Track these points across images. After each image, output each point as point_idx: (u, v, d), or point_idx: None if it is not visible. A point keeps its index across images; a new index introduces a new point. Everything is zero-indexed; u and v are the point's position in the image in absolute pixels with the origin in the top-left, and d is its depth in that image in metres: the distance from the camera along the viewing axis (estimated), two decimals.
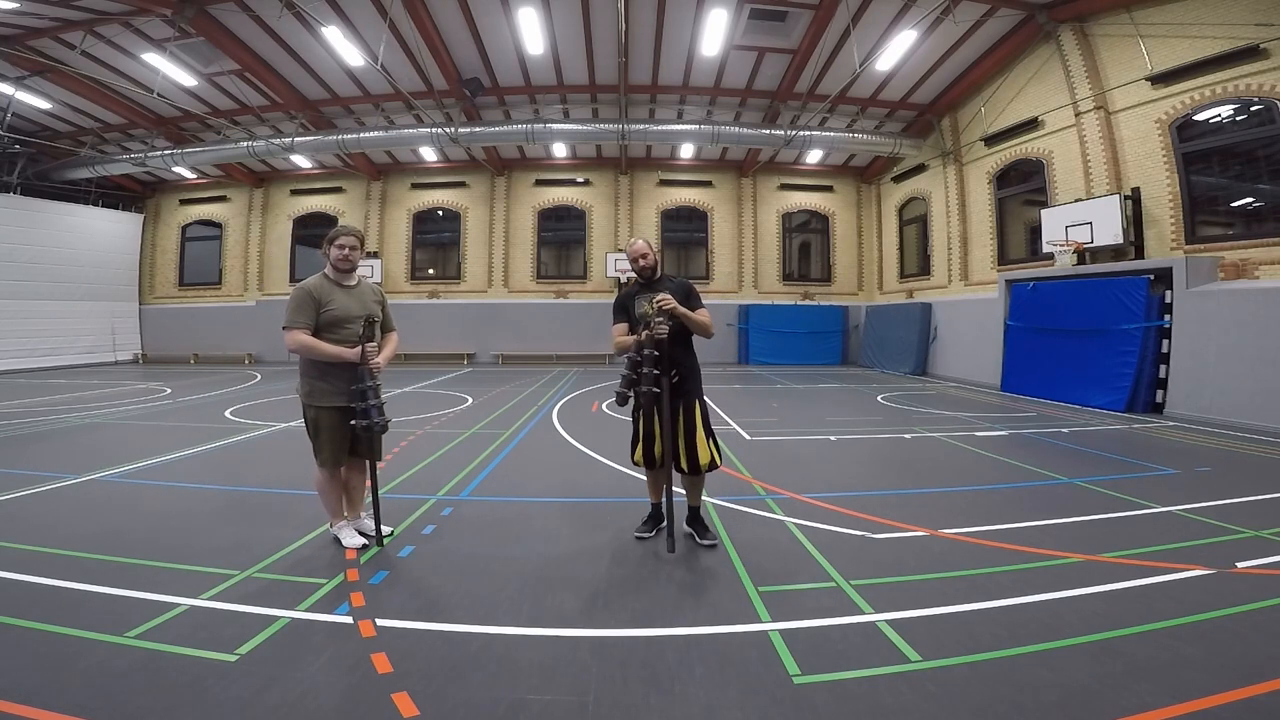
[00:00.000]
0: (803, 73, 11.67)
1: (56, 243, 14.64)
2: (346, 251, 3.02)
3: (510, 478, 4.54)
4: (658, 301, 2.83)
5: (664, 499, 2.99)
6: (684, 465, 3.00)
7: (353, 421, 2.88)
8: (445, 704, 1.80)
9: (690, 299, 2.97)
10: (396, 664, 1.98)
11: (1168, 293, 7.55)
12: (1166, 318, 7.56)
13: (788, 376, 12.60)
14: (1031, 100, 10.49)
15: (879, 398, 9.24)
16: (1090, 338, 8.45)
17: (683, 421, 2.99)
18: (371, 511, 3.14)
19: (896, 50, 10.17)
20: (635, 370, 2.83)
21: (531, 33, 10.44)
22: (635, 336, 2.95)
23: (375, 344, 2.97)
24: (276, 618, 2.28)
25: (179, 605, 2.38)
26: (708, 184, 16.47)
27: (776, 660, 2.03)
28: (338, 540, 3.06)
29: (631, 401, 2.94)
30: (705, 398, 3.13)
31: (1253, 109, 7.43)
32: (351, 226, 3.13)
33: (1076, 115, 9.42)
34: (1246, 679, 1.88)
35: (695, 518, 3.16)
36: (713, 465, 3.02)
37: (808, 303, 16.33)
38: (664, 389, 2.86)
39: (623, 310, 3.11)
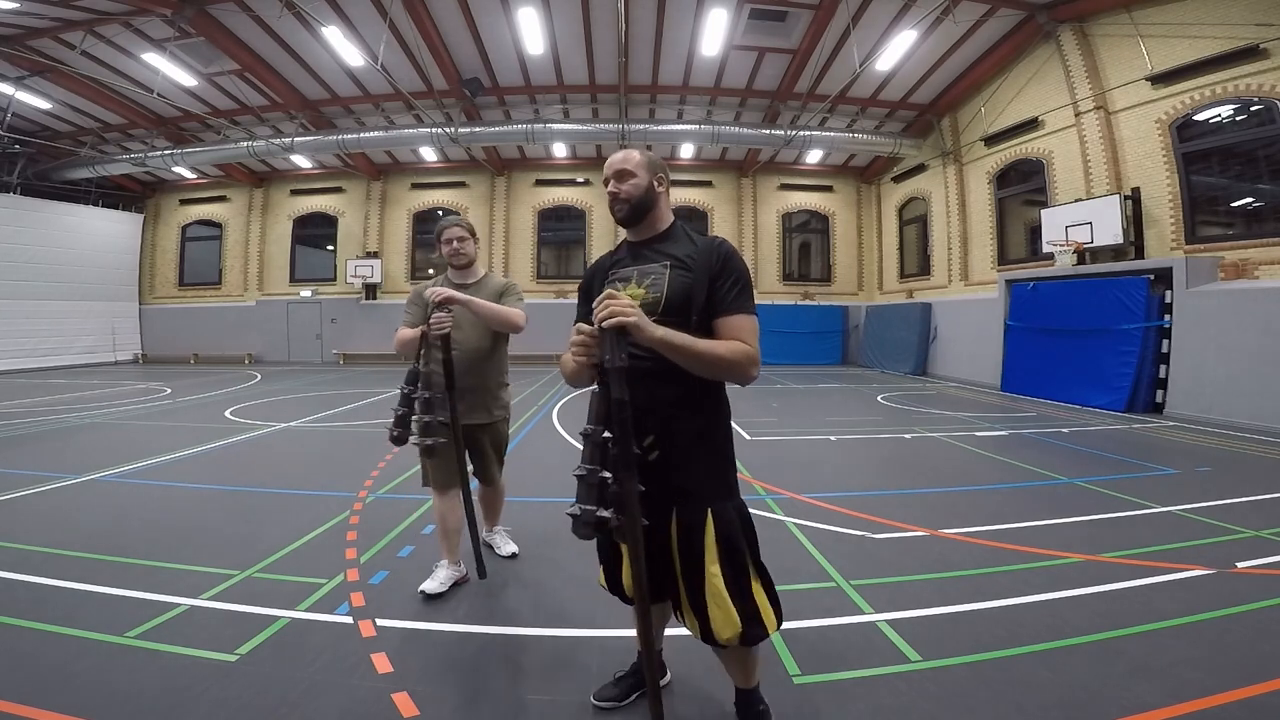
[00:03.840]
0: (803, 73, 11.66)
1: (56, 243, 14.62)
2: (455, 245, 2.63)
3: (510, 477, 4.53)
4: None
5: (645, 649, 1.41)
6: (690, 625, 1.52)
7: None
8: (445, 704, 1.80)
9: (718, 285, 1.44)
10: (396, 664, 1.98)
11: (1168, 293, 7.56)
12: (1166, 318, 7.57)
13: (788, 376, 12.60)
14: (1031, 100, 10.49)
15: (879, 398, 9.24)
16: (1090, 338, 8.45)
17: (678, 552, 1.48)
18: (500, 529, 3.04)
19: (896, 50, 10.16)
20: (594, 439, 1.35)
21: (531, 33, 10.43)
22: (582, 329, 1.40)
23: (449, 316, 2.30)
24: (276, 618, 2.28)
25: (179, 605, 2.38)
26: (708, 184, 16.47)
27: (776, 660, 2.03)
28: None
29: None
30: (741, 500, 1.55)
31: (1253, 109, 7.42)
32: (456, 217, 2.72)
33: (1076, 115, 9.41)
34: (1246, 679, 1.88)
35: (747, 707, 1.66)
36: (752, 636, 1.45)
37: (808, 303, 16.33)
38: (631, 480, 1.32)
39: (586, 299, 1.61)
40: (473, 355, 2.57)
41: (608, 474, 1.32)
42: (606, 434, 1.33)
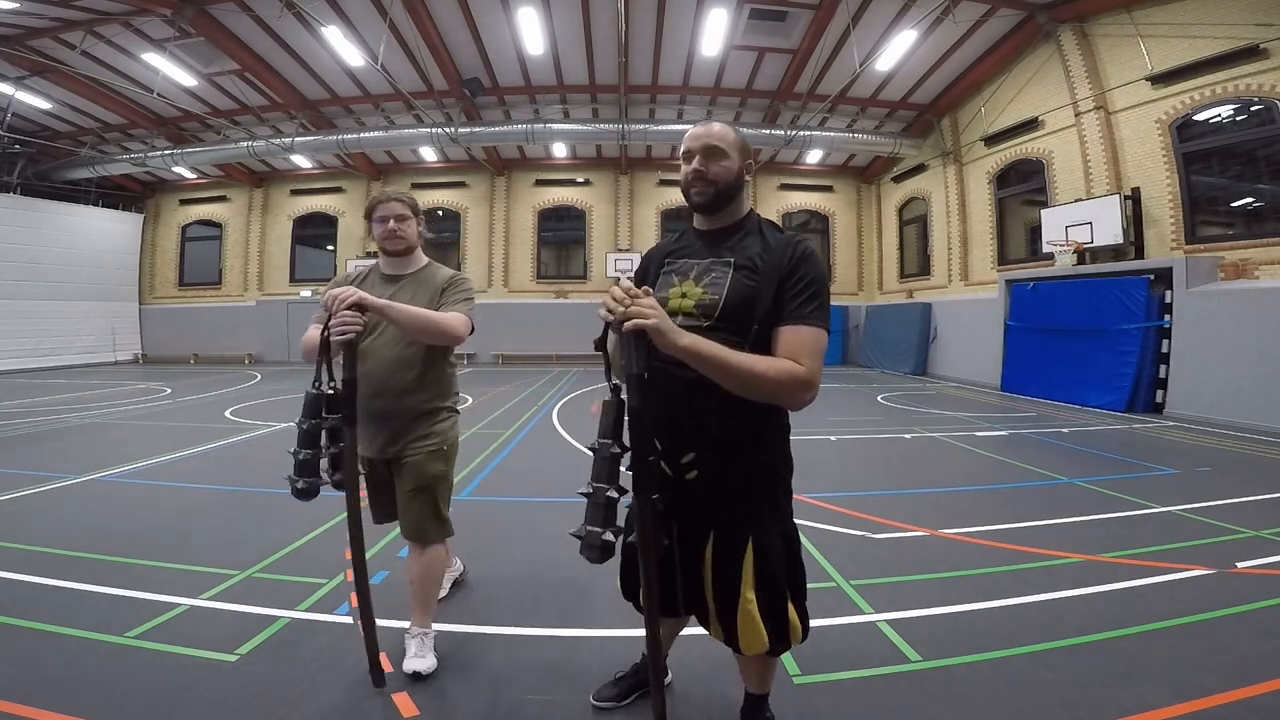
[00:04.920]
0: (803, 73, 11.66)
1: (56, 243, 14.63)
2: (392, 225, 1.98)
3: (510, 478, 4.54)
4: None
5: (652, 662, 1.33)
6: (714, 633, 1.44)
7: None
8: (445, 704, 1.80)
9: (785, 289, 1.27)
10: (396, 664, 1.98)
11: (1168, 293, 7.56)
12: (1166, 318, 7.57)
13: None
14: (1031, 100, 10.49)
15: (879, 398, 9.23)
16: (1090, 338, 8.45)
17: (711, 569, 1.37)
18: (425, 634, 2.02)
19: (896, 50, 10.16)
20: (602, 460, 1.25)
21: (531, 33, 10.43)
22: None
23: (357, 322, 1.66)
24: (276, 618, 2.28)
25: (179, 605, 2.38)
26: None
27: (777, 660, 2.03)
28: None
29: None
30: (792, 525, 1.46)
31: (1253, 109, 7.43)
32: (396, 191, 2.10)
33: (1076, 115, 9.41)
34: (1246, 679, 1.88)
35: (754, 714, 1.65)
36: (777, 649, 1.41)
37: None
38: (645, 500, 1.22)
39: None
40: (390, 369, 1.92)
41: (614, 492, 1.21)
42: (615, 449, 1.22)
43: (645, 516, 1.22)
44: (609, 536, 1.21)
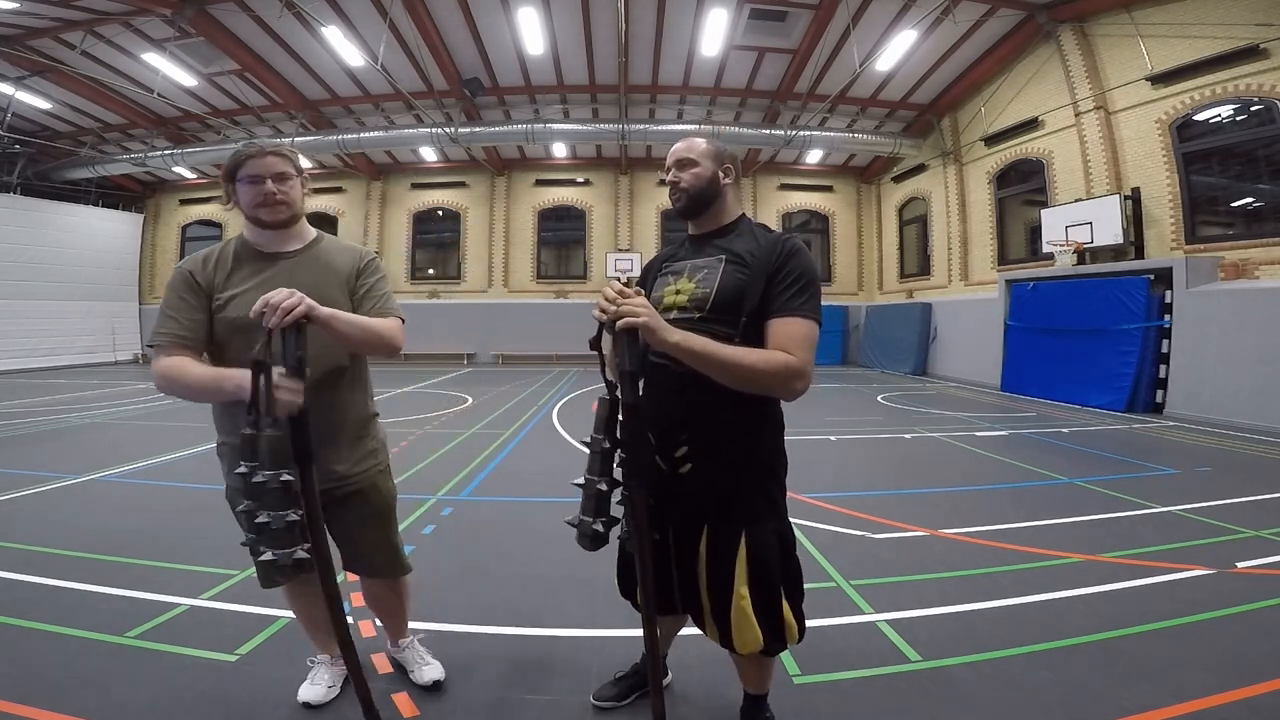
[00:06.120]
0: (803, 73, 11.66)
1: (56, 243, 14.61)
2: (269, 186, 1.47)
3: (510, 478, 4.54)
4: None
5: (651, 660, 1.36)
6: (710, 633, 1.46)
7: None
8: (445, 704, 1.80)
9: (774, 283, 1.31)
10: (396, 664, 1.98)
11: (1168, 293, 7.56)
12: (1166, 318, 7.57)
13: None
14: (1031, 100, 10.49)
15: (879, 398, 9.23)
16: (1090, 338, 8.45)
17: (705, 565, 1.39)
18: (413, 642, 1.97)
19: (896, 50, 10.16)
20: (599, 449, 1.29)
21: (531, 33, 10.43)
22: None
23: (298, 358, 1.27)
24: (276, 618, 2.28)
25: (179, 605, 2.38)
26: None
27: (777, 660, 2.02)
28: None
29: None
30: (786, 522, 1.47)
31: (1253, 109, 7.42)
32: (269, 141, 1.59)
33: (1076, 115, 9.41)
34: (1246, 679, 1.88)
35: (754, 714, 1.64)
36: (773, 649, 1.43)
37: None
38: (638, 495, 1.27)
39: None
40: (318, 370, 1.45)
41: (604, 485, 1.27)
42: (607, 444, 1.26)
43: (639, 510, 1.25)
44: (599, 527, 1.28)
